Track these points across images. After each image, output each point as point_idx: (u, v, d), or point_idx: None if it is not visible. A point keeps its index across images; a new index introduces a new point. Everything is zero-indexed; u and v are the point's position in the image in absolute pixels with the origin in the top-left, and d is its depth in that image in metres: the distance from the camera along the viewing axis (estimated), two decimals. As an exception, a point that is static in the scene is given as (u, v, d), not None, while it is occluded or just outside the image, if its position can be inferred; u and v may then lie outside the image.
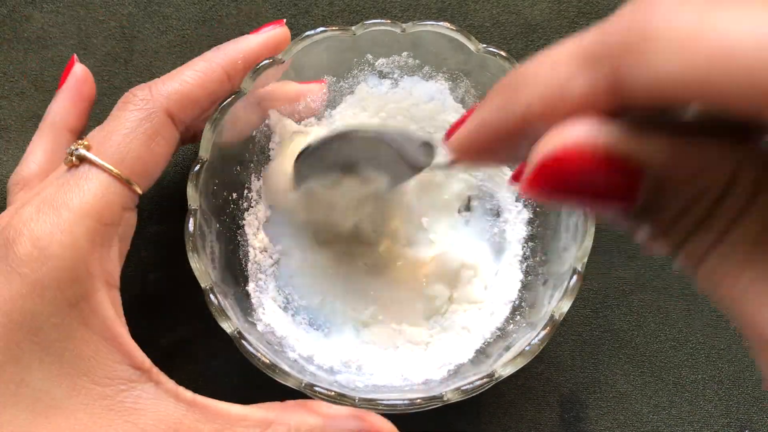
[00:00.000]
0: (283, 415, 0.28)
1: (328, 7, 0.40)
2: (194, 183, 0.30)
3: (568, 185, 0.17)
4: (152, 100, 0.29)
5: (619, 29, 0.16)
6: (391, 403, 0.28)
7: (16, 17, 0.39)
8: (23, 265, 0.26)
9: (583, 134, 0.16)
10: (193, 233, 0.29)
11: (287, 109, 0.34)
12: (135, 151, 0.28)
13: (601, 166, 0.16)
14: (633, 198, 0.16)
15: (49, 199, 0.27)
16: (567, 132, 0.16)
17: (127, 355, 0.27)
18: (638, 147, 0.16)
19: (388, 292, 0.35)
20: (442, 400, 0.28)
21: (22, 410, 0.25)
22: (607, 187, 0.16)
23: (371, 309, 0.35)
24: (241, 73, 0.31)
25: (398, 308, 0.35)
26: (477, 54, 0.32)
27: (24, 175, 0.31)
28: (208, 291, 0.29)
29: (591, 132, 0.16)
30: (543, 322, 0.29)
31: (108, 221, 0.28)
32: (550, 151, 0.17)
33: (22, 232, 0.26)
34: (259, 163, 0.35)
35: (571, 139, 0.16)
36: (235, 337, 0.28)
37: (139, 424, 0.26)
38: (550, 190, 0.17)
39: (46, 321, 0.26)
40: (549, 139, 0.17)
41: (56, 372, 0.26)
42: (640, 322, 0.37)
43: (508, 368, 0.28)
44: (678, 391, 0.37)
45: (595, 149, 0.16)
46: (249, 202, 0.34)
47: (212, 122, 0.30)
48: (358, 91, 0.35)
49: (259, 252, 0.35)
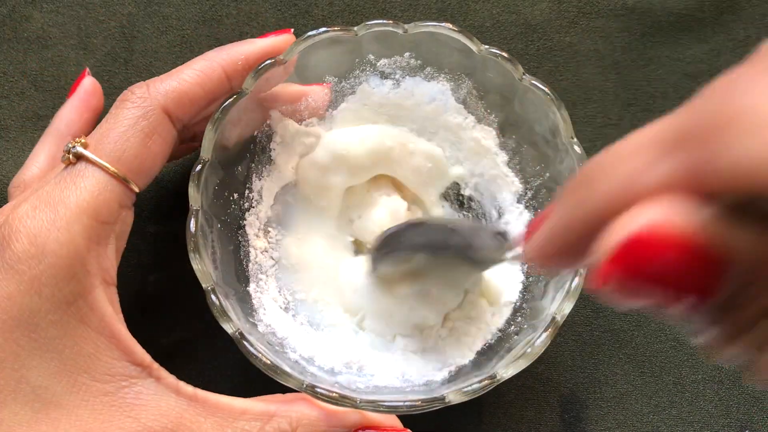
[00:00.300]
0: (284, 407, 0.28)
1: (328, 7, 0.40)
2: (196, 183, 0.30)
3: (647, 273, 0.15)
4: (149, 98, 0.29)
5: (705, 111, 0.15)
6: (392, 404, 0.28)
7: (16, 17, 0.39)
8: (20, 262, 0.26)
9: (667, 216, 0.15)
10: (195, 233, 0.29)
11: (289, 109, 0.34)
12: (132, 149, 0.28)
13: (686, 253, 0.14)
14: (712, 292, 0.15)
15: (46, 196, 0.27)
16: (649, 212, 0.15)
17: (126, 351, 0.27)
18: (727, 236, 0.15)
19: (384, 306, 0.35)
20: (444, 401, 0.28)
21: (22, 407, 0.25)
22: (687, 277, 0.15)
23: (367, 318, 0.35)
24: (242, 74, 0.31)
25: (391, 322, 0.34)
26: (479, 55, 0.32)
27: (25, 179, 0.31)
28: (209, 292, 0.29)
29: (676, 214, 0.15)
30: (545, 324, 0.29)
31: (105, 219, 0.28)
32: (633, 233, 0.15)
33: (19, 229, 0.26)
34: (260, 163, 0.35)
35: (656, 219, 0.15)
36: (237, 338, 0.28)
37: (141, 419, 0.26)
38: (627, 278, 0.15)
39: (44, 318, 0.26)
40: (629, 220, 0.15)
41: (56, 369, 0.26)
42: (640, 322, 0.37)
43: (510, 370, 0.28)
44: (678, 391, 0.37)
45: (681, 233, 0.14)
46: (250, 203, 0.34)
47: (214, 122, 0.30)
48: (360, 92, 0.35)
49: (260, 252, 0.34)
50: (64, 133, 0.32)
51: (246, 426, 0.28)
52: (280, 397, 0.29)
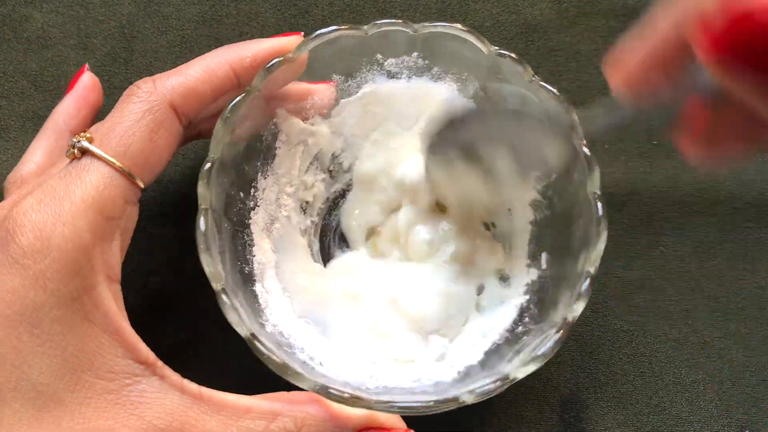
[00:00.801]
0: (290, 407, 0.28)
1: (328, 7, 0.40)
2: (205, 181, 0.29)
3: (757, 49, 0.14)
4: (156, 93, 0.29)
5: None
6: (406, 405, 0.27)
7: (16, 17, 0.39)
8: (25, 256, 0.26)
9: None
10: (205, 233, 0.29)
11: (294, 107, 0.34)
12: (137, 144, 0.28)
13: None
14: None
15: (51, 191, 0.27)
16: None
17: (130, 349, 0.27)
18: None
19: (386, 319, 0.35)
20: (458, 402, 0.28)
21: (23, 405, 0.25)
22: None
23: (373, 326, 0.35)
24: (250, 72, 0.31)
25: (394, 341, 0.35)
26: (488, 55, 0.32)
27: (22, 174, 0.31)
28: (220, 292, 0.28)
29: None
30: (557, 326, 0.29)
31: (110, 214, 0.27)
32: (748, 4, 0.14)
33: (24, 223, 0.26)
34: (266, 161, 0.35)
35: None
36: (248, 338, 0.28)
37: (146, 417, 0.26)
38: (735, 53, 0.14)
39: (48, 314, 0.26)
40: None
41: (58, 366, 0.26)
42: (640, 322, 0.37)
43: (522, 371, 0.28)
44: (678, 391, 0.37)
45: None
46: (256, 201, 0.34)
47: (224, 120, 0.30)
48: (366, 91, 0.35)
49: (266, 251, 0.34)
50: (62, 129, 0.32)
51: (251, 424, 0.27)
52: (285, 395, 0.29)
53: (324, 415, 0.28)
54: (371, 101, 0.36)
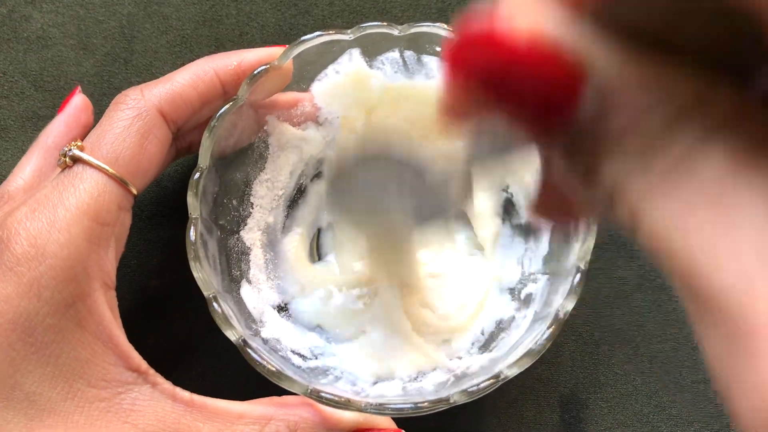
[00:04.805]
0: (282, 410, 0.28)
1: (328, 7, 0.40)
2: (194, 191, 0.30)
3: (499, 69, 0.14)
4: (143, 100, 0.29)
5: None
6: (398, 407, 0.28)
7: (16, 17, 0.39)
8: (19, 264, 0.26)
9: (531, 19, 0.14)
10: (195, 241, 0.29)
11: (285, 114, 0.34)
12: (129, 150, 0.28)
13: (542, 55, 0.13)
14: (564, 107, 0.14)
15: (44, 199, 0.27)
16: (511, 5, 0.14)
17: (123, 357, 0.27)
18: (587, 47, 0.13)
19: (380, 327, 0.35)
20: (449, 402, 0.28)
21: (16, 414, 0.25)
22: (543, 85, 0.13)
23: None
24: (235, 80, 0.31)
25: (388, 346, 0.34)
26: None
27: (9, 190, 0.30)
28: (211, 299, 0.28)
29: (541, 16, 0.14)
30: (548, 321, 0.29)
31: (105, 221, 0.27)
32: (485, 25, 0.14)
33: (18, 231, 0.26)
34: (257, 169, 0.35)
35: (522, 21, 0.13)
36: (240, 345, 0.28)
37: (138, 425, 0.26)
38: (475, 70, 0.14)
39: (42, 322, 0.26)
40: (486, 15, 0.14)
41: (51, 375, 0.26)
42: (640, 322, 0.37)
43: (514, 369, 0.28)
44: (679, 391, 0.37)
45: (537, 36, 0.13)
46: (248, 208, 0.34)
47: (210, 130, 0.30)
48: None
49: (259, 257, 0.34)
50: (51, 147, 0.31)
51: (244, 430, 0.27)
52: (277, 399, 0.29)
53: (316, 418, 0.28)
54: (360, 103, 0.36)
